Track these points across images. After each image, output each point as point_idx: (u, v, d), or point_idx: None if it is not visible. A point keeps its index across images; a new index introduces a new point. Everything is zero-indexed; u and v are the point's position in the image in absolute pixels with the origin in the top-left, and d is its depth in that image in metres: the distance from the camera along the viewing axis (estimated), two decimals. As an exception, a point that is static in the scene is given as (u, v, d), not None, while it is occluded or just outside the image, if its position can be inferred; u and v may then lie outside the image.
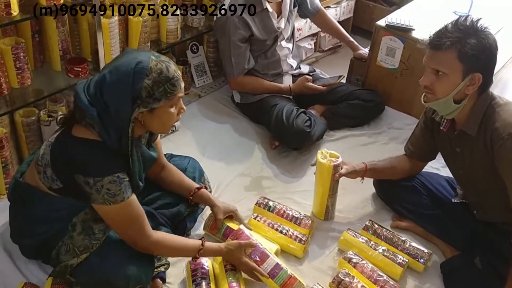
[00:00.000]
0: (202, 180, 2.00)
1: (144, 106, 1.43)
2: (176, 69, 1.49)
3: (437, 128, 1.85)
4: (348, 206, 2.15)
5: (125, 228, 1.56)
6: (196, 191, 1.87)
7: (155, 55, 1.46)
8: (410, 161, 2.03)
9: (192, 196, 1.87)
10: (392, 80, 2.76)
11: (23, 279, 1.70)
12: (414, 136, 2.02)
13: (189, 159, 2.05)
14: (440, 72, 1.63)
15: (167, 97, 1.45)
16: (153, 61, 1.43)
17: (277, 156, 2.46)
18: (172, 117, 1.52)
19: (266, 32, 2.50)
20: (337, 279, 1.75)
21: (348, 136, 2.62)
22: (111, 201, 1.48)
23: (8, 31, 2.02)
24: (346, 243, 1.93)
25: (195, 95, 2.86)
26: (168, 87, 1.44)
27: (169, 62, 1.48)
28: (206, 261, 1.75)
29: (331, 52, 3.50)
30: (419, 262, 1.86)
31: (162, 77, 1.43)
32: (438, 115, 1.81)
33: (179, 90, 1.49)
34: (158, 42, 2.59)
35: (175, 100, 1.50)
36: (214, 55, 2.94)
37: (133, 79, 1.40)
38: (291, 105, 2.48)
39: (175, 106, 1.51)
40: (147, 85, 1.41)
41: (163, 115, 1.50)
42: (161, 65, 1.44)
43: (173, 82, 1.45)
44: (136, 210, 1.54)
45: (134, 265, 1.57)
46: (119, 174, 1.47)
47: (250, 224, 1.97)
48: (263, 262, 1.71)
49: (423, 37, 1.69)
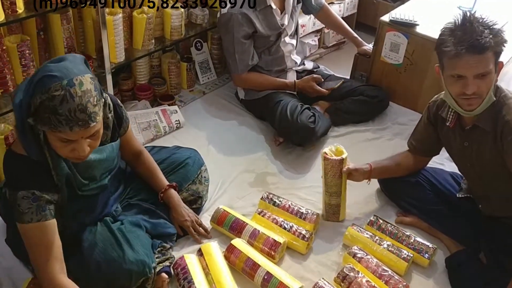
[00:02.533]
0: (199, 172, 2.00)
1: (33, 120, 1.31)
2: (80, 108, 1.28)
3: (442, 123, 1.85)
4: (353, 201, 2.15)
5: (31, 253, 1.44)
6: (167, 188, 1.84)
7: (74, 81, 1.28)
8: (414, 157, 2.03)
9: (163, 193, 1.84)
10: (397, 76, 2.75)
11: (30, 275, 1.71)
12: (417, 132, 2.01)
13: (190, 151, 2.05)
14: (483, 73, 1.57)
15: (51, 127, 1.30)
16: (59, 85, 1.27)
17: (282, 152, 2.46)
18: (60, 149, 1.37)
19: (270, 28, 2.51)
20: (341, 274, 1.75)
21: (353, 132, 2.62)
22: (19, 218, 1.40)
23: (13, 28, 2.03)
24: (351, 238, 1.93)
25: (199, 92, 2.86)
26: (53, 119, 1.28)
27: (79, 96, 1.28)
28: (186, 260, 1.75)
29: (335, 48, 3.50)
30: (424, 257, 1.86)
31: (51, 105, 1.26)
32: (444, 111, 1.80)
33: (68, 132, 1.30)
34: (163, 39, 2.59)
35: (63, 137, 1.32)
36: (218, 52, 2.94)
37: (34, 87, 1.29)
38: (295, 101, 2.49)
39: (65, 142, 1.34)
40: (36, 103, 1.28)
41: (51, 141, 1.36)
42: (61, 93, 1.26)
43: (59, 118, 1.27)
44: (46, 238, 1.41)
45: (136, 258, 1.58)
46: (35, 192, 1.38)
47: (255, 219, 1.98)
48: (255, 272, 1.73)
49: (448, 48, 1.58)
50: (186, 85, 2.86)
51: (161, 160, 1.95)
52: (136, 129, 2.43)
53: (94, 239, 1.60)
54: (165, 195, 1.85)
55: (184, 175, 1.95)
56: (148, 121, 2.48)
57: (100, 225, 1.67)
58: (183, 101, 2.77)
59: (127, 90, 2.65)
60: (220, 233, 1.97)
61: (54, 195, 1.47)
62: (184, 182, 1.95)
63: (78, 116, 1.28)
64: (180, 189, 1.92)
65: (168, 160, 1.97)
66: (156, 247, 1.76)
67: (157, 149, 2.04)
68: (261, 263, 1.75)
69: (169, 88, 2.78)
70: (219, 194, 2.17)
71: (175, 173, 1.94)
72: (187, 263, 1.73)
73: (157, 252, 1.76)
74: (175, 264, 1.75)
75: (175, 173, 1.94)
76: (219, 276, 1.71)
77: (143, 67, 2.67)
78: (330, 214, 2.05)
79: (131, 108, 2.56)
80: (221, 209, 1.98)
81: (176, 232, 1.86)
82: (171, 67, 2.73)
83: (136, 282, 1.61)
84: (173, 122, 2.53)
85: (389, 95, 2.76)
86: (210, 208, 2.06)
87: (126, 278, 1.57)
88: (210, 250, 1.80)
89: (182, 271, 1.71)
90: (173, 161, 1.97)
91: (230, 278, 1.72)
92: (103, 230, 1.64)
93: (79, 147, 1.36)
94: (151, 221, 1.79)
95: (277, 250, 1.83)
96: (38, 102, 1.28)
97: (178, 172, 1.95)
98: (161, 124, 2.49)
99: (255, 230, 1.89)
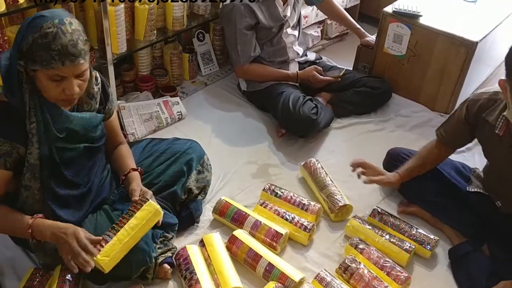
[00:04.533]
0: (201, 163, 1.97)
1: (24, 62, 1.36)
2: (72, 43, 1.34)
3: (483, 125, 1.75)
4: (355, 193, 2.15)
5: None
6: (130, 171, 1.73)
7: (65, 20, 1.35)
8: (439, 148, 1.95)
9: (125, 176, 1.73)
10: (399, 67, 2.74)
11: (33, 265, 1.72)
12: (449, 125, 1.91)
13: (191, 142, 2.01)
14: None
15: (43, 65, 1.34)
16: (51, 23, 1.33)
17: (284, 144, 2.45)
18: (50, 89, 1.40)
19: (272, 19, 2.49)
20: (343, 265, 1.76)
21: (355, 123, 2.61)
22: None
23: (15, 19, 2.02)
24: (352, 229, 1.93)
25: (201, 83, 2.86)
26: (45, 56, 1.33)
27: (70, 33, 1.35)
28: (188, 251, 1.75)
29: (338, 39, 3.48)
30: (426, 248, 1.87)
31: (44, 41, 1.33)
32: (491, 115, 1.71)
33: (60, 67, 1.35)
34: (165, 30, 2.58)
35: (54, 74, 1.37)
36: (221, 43, 2.93)
37: (25, 31, 1.35)
38: (297, 93, 2.48)
39: (56, 81, 1.39)
40: (28, 42, 1.34)
41: (41, 82, 1.40)
42: (54, 30, 1.33)
43: (52, 54, 1.33)
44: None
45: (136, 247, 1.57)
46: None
47: (256, 210, 1.98)
48: (257, 263, 1.74)
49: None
50: (188, 76, 2.85)
51: (161, 152, 1.93)
52: (138, 120, 2.43)
53: (94, 228, 1.60)
54: (127, 177, 1.73)
55: (187, 165, 1.92)
56: (150, 113, 2.48)
57: (99, 214, 1.67)
58: (185, 92, 2.77)
59: (129, 81, 2.65)
60: (222, 224, 1.97)
61: (20, 148, 1.46)
62: (188, 171, 1.91)
63: (70, 51, 1.34)
64: (186, 180, 1.89)
65: (168, 151, 1.94)
66: (158, 237, 1.75)
67: (156, 142, 2.01)
68: (263, 254, 1.76)
69: (171, 79, 2.77)
70: (221, 185, 2.17)
71: (176, 163, 1.90)
72: (189, 254, 1.74)
73: (159, 242, 1.75)
74: (177, 254, 1.76)
75: (177, 163, 1.90)
76: (221, 267, 1.71)
77: (145, 58, 2.66)
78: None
79: (133, 99, 2.56)
80: (223, 200, 1.98)
81: (177, 222, 1.84)
82: (173, 58, 2.72)
83: (136, 271, 1.61)
84: (175, 113, 2.53)
85: (392, 87, 2.75)
86: (213, 199, 2.06)
87: (126, 267, 1.57)
88: (212, 241, 1.80)
89: (184, 262, 1.72)
90: (173, 152, 1.93)
91: (232, 269, 1.72)
92: (103, 220, 1.64)
93: (69, 85, 1.40)
94: None
95: (279, 241, 1.83)
96: (31, 41, 1.33)
97: (179, 162, 1.90)
98: (163, 116, 2.49)
99: (257, 221, 1.89)
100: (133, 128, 2.39)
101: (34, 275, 1.63)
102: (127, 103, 2.49)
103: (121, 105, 2.45)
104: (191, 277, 1.66)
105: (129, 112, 2.44)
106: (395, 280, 1.72)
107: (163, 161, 1.90)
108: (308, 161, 2.21)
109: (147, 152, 1.94)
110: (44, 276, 1.64)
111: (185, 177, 1.90)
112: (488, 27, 2.59)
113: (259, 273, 1.74)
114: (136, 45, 2.46)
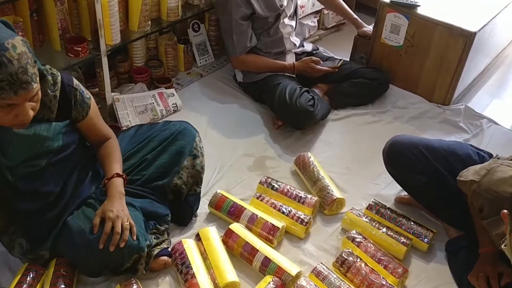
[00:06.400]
0: (194, 146, 1.86)
1: None
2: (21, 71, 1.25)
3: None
4: (352, 185, 2.14)
5: None
6: (114, 175, 1.63)
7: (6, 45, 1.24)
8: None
9: (108, 179, 1.63)
10: (397, 58, 2.72)
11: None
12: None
13: (180, 125, 1.88)
14: None
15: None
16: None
17: (281, 136, 2.44)
18: (3, 119, 1.33)
19: (269, 9, 2.46)
20: (340, 259, 1.75)
21: (352, 115, 2.59)
22: None
23: (5, 10, 1.98)
24: (349, 222, 1.92)
25: (196, 74, 2.83)
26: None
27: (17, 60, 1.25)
28: (184, 245, 1.74)
29: (334, 29, 3.45)
30: (423, 241, 1.86)
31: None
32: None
33: (12, 97, 1.27)
34: (159, 20, 2.55)
35: (5, 103, 1.28)
36: (216, 34, 2.89)
37: None
38: (294, 84, 2.45)
39: (8, 108, 1.30)
40: None
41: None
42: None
43: (1, 85, 1.24)
44: None
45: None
46: None
47: (253, 203, 1.97)
48: (253, 257, 1.72)
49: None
50: (183, 67, 2.82)
51: (150, 139, 1.84)
52: (133, 112, 2.40)
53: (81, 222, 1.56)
54: (109, 182, 1.63)
55: (178, 151, 1.82)
56: (145, 105, 2.45)
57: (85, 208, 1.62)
58: (180, 83, 2.74)
59: (124, 72, 2.61)
60: (218, 218, 1.96)
61: None
62: (181, 158, 1.81)
63: (21, 79, 1.26)
64: (178, 170, 1.80)
65: (156, 139, 1.83)
66: (150, 228, 1.71)
67: (145, 128, 1.91)
68: (259, 247, 1.75)
69: (166, 70, 2.74)
70: (217, 178, 2.15)
71: (166, 152, 1.81)
72: (185, 248, 1.73)
73: (151, 233, 1.71)
74: (173, 249, 1.74)
75: (166, 152, 1.81)
76: (217, 261, 1.70)
77: (140, 49, 2.63)
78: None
79: (127, 91, 2.53)
80: (219, 193, 1.97)
81: (169, 212, 1.78)
82: (168, 49, 2.69)
83: (128, 259, 1.57)
84: (170, 105, 2.50)
85: (390, 78, 2.72)
86: (208, 193, 2.04)
87: (118, 255, 1.54)
88: (208, 234, 1.79)
89: (180, 256, 1.70)
90: (163, 139, 1.83)
91: (228, 263, 1.71)
92: (89, 212, 1.60)
93: (23, 111, 1.33)
94: (139, 200, 1.71)
95: (276, 234, 1.82)
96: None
97: (168, 150, 1.81)
98: (158, 108, 2.46)
99: (253, 214, 1.87)
100: (128, 120, 2.37)
101: (28, 270, 1.61)
102: (122, 95, 2.46)
103: (116, 97, 2.42)
104: (187, 272, 1.65)
105: (124, 104, 2.41)
106: (393, 274, 1.71)
107: (151, 149, 1.81)
108: (298, 156, 2.19)
109: (136, 141, 1.85)
110: (38, 271, 1.62)
111: (176, 166, 1.80)
112: (487, 17, 2.56)
113: (256, 267, 1.73)
114: (130, 36, 2.42)
